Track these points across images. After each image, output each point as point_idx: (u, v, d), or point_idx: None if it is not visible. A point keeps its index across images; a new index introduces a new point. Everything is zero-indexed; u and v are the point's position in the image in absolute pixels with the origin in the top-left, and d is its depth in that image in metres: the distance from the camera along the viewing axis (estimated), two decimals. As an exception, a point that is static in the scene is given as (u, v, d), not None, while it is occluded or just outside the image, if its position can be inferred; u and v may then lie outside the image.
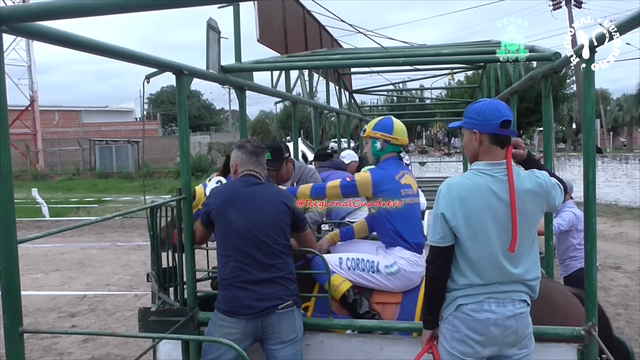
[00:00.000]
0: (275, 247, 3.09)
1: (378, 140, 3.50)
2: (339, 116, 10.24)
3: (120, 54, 2.71)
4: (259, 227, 3.07)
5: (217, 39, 3.82)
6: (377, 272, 3.38)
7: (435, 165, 23.63)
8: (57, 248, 12.28)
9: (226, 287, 3.08)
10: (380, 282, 3.39)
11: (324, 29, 7.98)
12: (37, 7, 1.88)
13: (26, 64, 38.54)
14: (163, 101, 60.85)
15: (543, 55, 3.69)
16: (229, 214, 3.11)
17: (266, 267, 3.05)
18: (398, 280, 3.37)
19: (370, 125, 3.59)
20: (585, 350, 2.99)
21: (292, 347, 3.08)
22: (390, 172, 3.44)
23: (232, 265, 3.06)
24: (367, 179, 3.41)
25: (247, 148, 3.29)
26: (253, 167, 3.28)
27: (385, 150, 3.52)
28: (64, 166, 36.79)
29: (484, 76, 9.46)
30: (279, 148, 4.15)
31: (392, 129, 3.51)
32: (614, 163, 18.20)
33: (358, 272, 3.41)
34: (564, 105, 39.50)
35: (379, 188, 3.38)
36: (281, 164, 4.12)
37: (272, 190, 3.33)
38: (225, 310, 3.06)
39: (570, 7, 31.38)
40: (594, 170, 2.97)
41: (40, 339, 6.43)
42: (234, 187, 3.26)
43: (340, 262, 3.45)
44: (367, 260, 3.42)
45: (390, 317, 3.36)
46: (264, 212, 3.13)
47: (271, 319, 3.03)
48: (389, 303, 3.41)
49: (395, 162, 3.54)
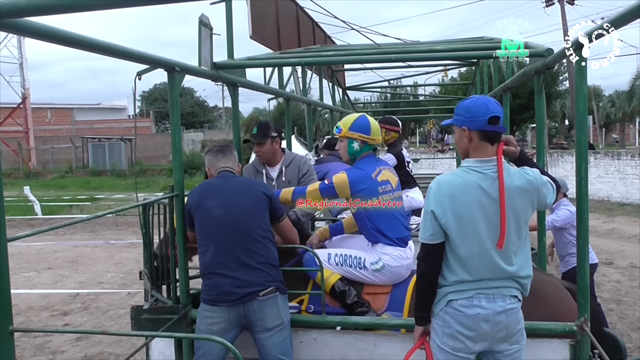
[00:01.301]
0: (254, 232, 3.11)
1: (356, 141, 3.52)
2: (332, 113, 10.22)
3: (111, 51, 2.69)
4: (237, 214, 3.11)
5: (210, 36, 3.81)
6: (363, 268, 3.42)
7: (429, 162, 23.67)
8: (50, 246, 12.22)
9: (208, 276, 3.11)
10: (368, 278, 3.44)
11: (317, 25, 7.95)
12: (27, 3, 1.85)
13: (18, 61, 38.24)
14: (156, 98, 60.62)
15: (535, 52, 3.70)
16: (207, 204, 3.16)
17: (246, 253, 3.07)
18: (384, 275, 3.41)
19: (346, 124, 3.57)
20: (577, 346, 3.01)
21: (279, 334, 3.09)
22: (367, 171, 3.47)
23: (211, 252, 3.09)
24: (344, 180, 3.44)
25: (213, 150, 3.50)
26: (223, 164, 3.39)
27: (362, 150, 3.55)
28: (56, 164, 36.61)
29: (477, 73, 9.47)
30: (267, 125, 4.17)
31: (369, 129, 3.53)
32: (607, 159, 18.28)
33: (346, 267, 3.47)
34: (556, 102, 39.65)
35: (356, 188, 3.41)
36: (264, 139, 4.12)
37: (248, 179, 3.48)
38: (208, 299, 3.09)
39: (563, 4, 31.42)
40: (586, 166, 2.98)
41: (32, 338, 6.40)
42: (210, 182, 3.35)
43: (329, 258, 3.50)
44: (354, 257, 3.46)
45: (380, 306, 3.40)
46: (241, 198, 3.17)
47: (253, 306, 3.03)
48: (379, 293, 3.46)
49: (372, 160, 3.57)
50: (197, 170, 29.45)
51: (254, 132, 4.15)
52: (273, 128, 4.15)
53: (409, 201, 5.44)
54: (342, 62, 8.76)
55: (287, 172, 4.19)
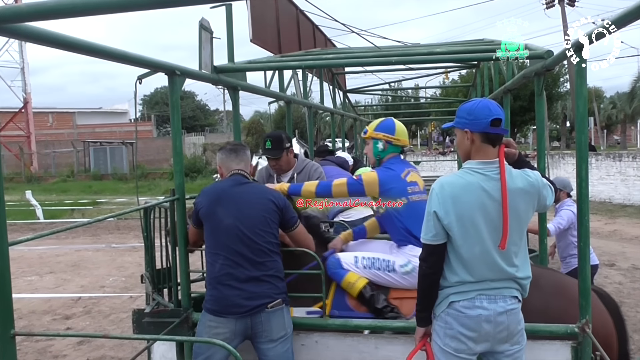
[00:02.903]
0: (263, 245, 3.10)
1: (380, 141, 3.52)
2: (333, 116, 10.24)
3: (112, 55, 2.70)
4: (247, 225, 3.08)
5: (210, 39, 3.82)
6: (392, 272, 3.37)
7: (430, 164, 23.68)
8: (52, 250, 12.23)
9: (215, 286, 3.09)
10: (396, 281, 3.39)
11: (318, 28, 7.98)
12: (27, 7, 1.86)
13: (19, 65, 38.34)
14: (157, 102, 60.72)
15: (536, 54, 3.70)
16: (218, 213, 3.13)
17: (255, 265, 3.06)
18: (413, 278, 3.31)
19: (372, 126, 3.60)
20: (579, 348, 3.00)
21: (282, 345, 3.09)
22: (396, 171, 3.45)
23: (220, 263, 3.07)
24: (374, 178, 3.41)
25: (226, 148, 3.44)
26: (236, 165, 3.35)
27: (387, 150, 3.54)
28: (58, 168, 36.63)
29: (477, 75, 9.48)
30: (280, 137, 4.12)
31: (394, 129, 3.53)
32: (608, 161, 18.25)
33: (374, 270, 3.40)
34: (557, 104, 39.66)
35: (386, 187, 3.39)
36: (281, 153, 4.09)
37: (260, 188, 3.37)
38: (213, 310, 3.07)
39: (563, 5, 31.46)
40: (586, 167, 2.98)
41: (34, 342, 6.40)
42: (222, 187, 3.29)
43: (356, 261, 3.44)
44: (382, 260, 3.41)
45: (408, 311, 3.32)
46: (252, 210, 3.14)
47: (260, 318, 3.03)
48: (407, 298, 3.37)
49: (400, 161, 3.57)
50: (199, 174, 29.48)
51: (268, 147, 4.06)
52: (285, 139, 4.12)
53: None
54: (342, 65, 8.78)
55: (298, 178, 4.14)
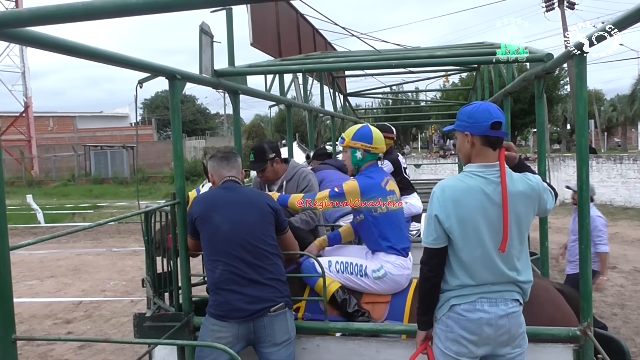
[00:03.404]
0: (263, 249, 3.10)
1: (358, 150, 3.53)
2: (333, 119, 10.24)
3: (112, 59, 2.70)
4: (245, 230, 3.09)
5: (210, 43, 3.83)
6: (365, 276, 3.41)
7: (431, 167, 23.66)
8: (53, 254, 12.23)
9: (216, 292, 3.08)
10: (368, 286, 3.42)
11: (318, 32, 7.98)
12: (28, 12, 1.87)
13: (20, 70, 38.40)
14: (158, 106, 60.80)
15: (536, 57, 3.71)
16: (214, 219, 3.13)
17: (256, 269, 3.06)
18: (385, 284, 3.40)
19: (349, 134, 3.59)
20: (581, 351, 3.00)
21: (286, 349, 3.09)
22: (377, 179, 3.48)
23: (220, 269, 3.06)
24: (354, 187, 3.43)
25: (217, 156, 3.46)
26: (227, 172, 3.37)
27: (365, 159, 3.55)
28: (59, 172, 36.66)
29: (477, 78, 9.49)
30: (262, 149, 4.08)
31: (371, 138, 3.54)
32: (609, 163, 18.25)
33: (347, 275, 3.45)
34: (558, 106, 39.63)
35: (367, 196, 3.41)
36: (264, 165, 4.05)
37: (254, 192, 3.42)
38: (216, 314, 3.06)
39: (563, 9, 31.48)
40: (587, 170, 2.98)
41: (35, 346, 6.40)
42: (216, 193, 3.30)
43: (330, 265, 3.48)
44: (355, 264, 3.45)
45: (379, 316, 3.38)
46: (248, 214, 3.15)
47: (263, 322, 3.03)
48: (379, 302, 3.44)
49: (378, 170, 3.58)
50: (199, 178, 29.44)
51: (252, 160, 4.06)
52: (269, 150, 4.07)
53: (408, 207, 5.42)
54: (342, 69, 8.79)
55: (287, 186, 4.12)
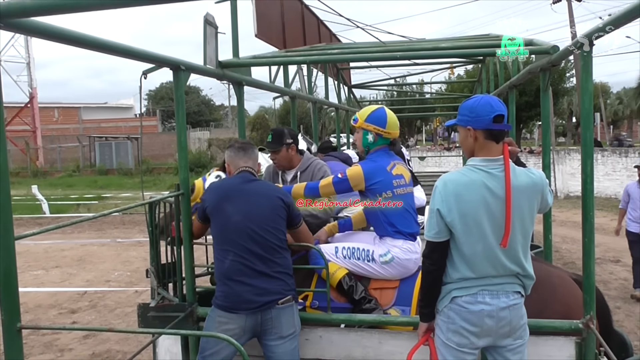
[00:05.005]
0: (273, 242, 3.10)
1: (370, 133, 3.45)
2: (338, 111, 10.24)
3: (117, 50, 2.70)
4: (256, 222, 3.09)
5: (215, 34, 3.82)
6: (372, 261, 3.39)
7: (435, 160, 23.63)
8: (58, 244, 12.30)
9: (225, 283, 3.08)
10: (376, 271, 3.40)
11: (322, 23, 7.96)
12: (32, 3, 1.87)
13: (25, 60, 38.42)
14: (162, 97, 60.77)
15: (541, 49, 3.69)
16: (226, 209, 3.12)
17: (265, 262, 3.06)
18: (393, 268, 3.38)
19: (363, 115, 3.49)
20: (583, 344, 3.00)
21: (291, 343, 3.10)
22: (381, 163, 3.42)
23: (230, 259, 3.06)
24: (358, 172, 3.39)
25: (235, 146, 3.44)
26: (244, 163, 3.35)
27: (376, 142, 3.48)
28: (63, 163, 36.76)
29: (483, 70, 9.45)
30: (281, 132, 4.07)
31: (385, 122, 3.45)
32: (614, 156, 18.18)
33: (354, 260, 3.43)
34: (564, 99, 39.48)
35: (371, 180, 3.37)
36: (279, 147, 4.03)
37: (268, 186, 3.39)
38: (224, 305, 3.06)
39: (570, 1, 31.25)
40: (591, 163, 2.97)
41: (40, 335, 6.45)
42: (230, 183, 3.29)
43: (336, 251, 3.47)
44: (362, 249, 3.43)
45: (387, 301, 3.37)
46: (261, 207, 3.14)
47: (271, 314, 3.04)
48: (386, 288, 3.42)
49: (386, 153, 3.51)
50: (203, 169, 29.50)
51: (269, 140, 4.05)
52: (287, 134, 4.06)
53: None
54: (347, 60, 8.76)
55: (302, 177, 4.10)
